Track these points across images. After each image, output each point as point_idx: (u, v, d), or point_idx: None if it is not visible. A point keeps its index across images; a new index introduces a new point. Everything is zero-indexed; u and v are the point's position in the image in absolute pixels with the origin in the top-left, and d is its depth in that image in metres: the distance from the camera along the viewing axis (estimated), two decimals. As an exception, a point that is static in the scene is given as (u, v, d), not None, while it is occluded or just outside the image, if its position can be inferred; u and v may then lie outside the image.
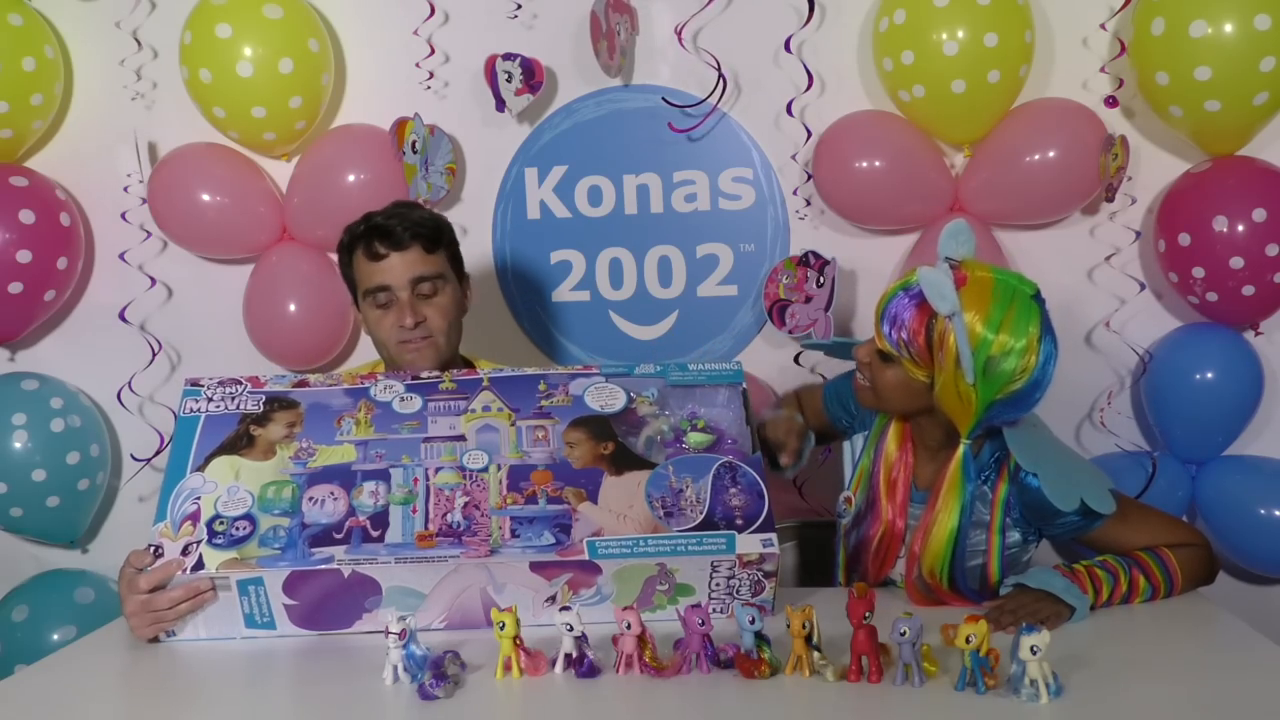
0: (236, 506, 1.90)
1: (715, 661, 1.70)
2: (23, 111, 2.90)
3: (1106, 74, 2.78)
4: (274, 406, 2.02)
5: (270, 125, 2.86)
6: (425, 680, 1.64)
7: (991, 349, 1.89)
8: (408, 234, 2.29)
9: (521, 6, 2.90)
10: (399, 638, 1.68)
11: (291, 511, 1.89)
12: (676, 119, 2.90)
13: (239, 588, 1.86)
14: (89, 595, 2.96)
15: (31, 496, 2.91)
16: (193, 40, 2.81)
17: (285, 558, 1.85)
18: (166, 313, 3.06)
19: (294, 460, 1.95)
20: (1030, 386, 1.93)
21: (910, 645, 1.61)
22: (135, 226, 2.97)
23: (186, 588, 1.86)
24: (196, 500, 1.90)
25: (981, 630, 1.57)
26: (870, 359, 2.03)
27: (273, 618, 1.89)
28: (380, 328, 2.31)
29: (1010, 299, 1.92)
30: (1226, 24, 2.56)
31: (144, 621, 1.88)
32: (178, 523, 1.88)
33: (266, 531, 1.86)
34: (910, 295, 1.94)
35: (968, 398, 1.93)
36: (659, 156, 2.95)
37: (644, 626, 1.70)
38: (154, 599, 1.86)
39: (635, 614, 1.69)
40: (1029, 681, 1.54)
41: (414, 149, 2.83)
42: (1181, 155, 2.82)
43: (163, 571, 1.85)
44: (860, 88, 2.88)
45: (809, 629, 1.67)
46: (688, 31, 2.86)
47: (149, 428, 3.02)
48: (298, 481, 1.92)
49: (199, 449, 1.97)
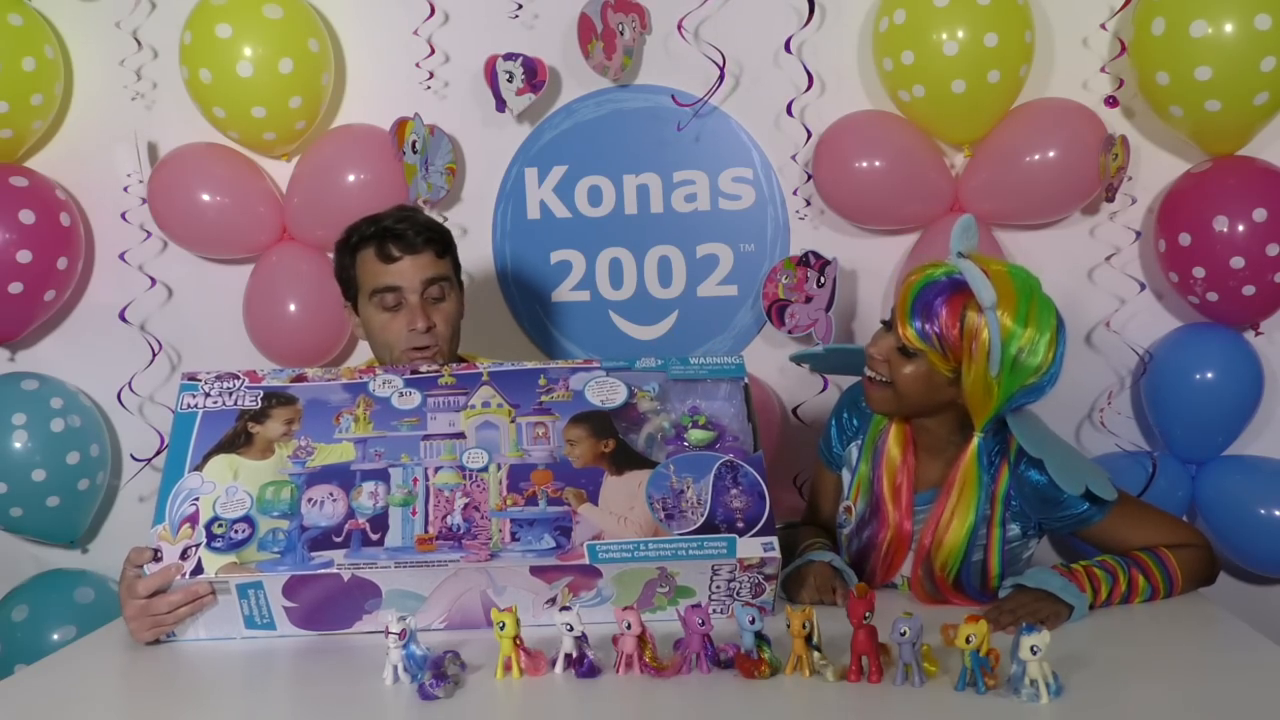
0: (235, 508, 1.89)
1: (715, 661, 1.70)
2: (23, 111, 2.89)
3: (1107, 74, 2.78)
4: (272, 403, 2.01)
5: (270, 125, 2.86)
6: (425, 680, 1.64)
7: (1020, 341, 1.91)
8: (420, 238, 2.30)
9: (522, 6, 2.89)
10: (399, 638, 1.68)
11: (290, 514, 1.88)
12: (681, 118, 2.89)
13: (238, 591, 1.86)
14: (89, 595, 2.95)
15: (31, 496, 2.90)
16: (193, 40, 2.81)
17: (285, 562, 1.84)
18: (166, 313, 3.06)
19: (293, 459, 1.94)
20: (1048, 380, 1.96)
21: (910, 645, 1.61)
22: (135, 226, 2.97)
23: (185, 592, 1.86)
24: (195, 501, 1.90)
25: (981, 630, 1.57)
26: (888, 355, 2.00)
27: (273, 619, 1.89)
28: (388, 330, 2.30)
29: (1030, 293, 1.94)
30: (1227, 24, 2.56)
31: (143, 625, 1.89)
32: (176, 525, 1.88)
33: (265, 535, 1.86)
34: (940, 288, 1.93)
35: (991, 390, 1.94)
36: (659, 156, 2.94)
37: (644, 626, 1.70)
38: (153, 603, 1.86)
39: (635, 614, 1.69)
40: (1029, 681, 1.54)
41: (414, 149, 2.83)
42: (1182, 155, 2.82)
43: (161, 576, 1.85)
44: (860, 87, 2.88)
45: (809, 629, 1.67)
46: (687, 30, 2.86)
47: (149, 428, 3.02)
48: (297, 482, 1.92)
49: (197, 447, 1.96)
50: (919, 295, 1.94)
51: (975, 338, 1.91)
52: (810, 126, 2.85)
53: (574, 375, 2.03)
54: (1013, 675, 1.56)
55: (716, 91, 2.87)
